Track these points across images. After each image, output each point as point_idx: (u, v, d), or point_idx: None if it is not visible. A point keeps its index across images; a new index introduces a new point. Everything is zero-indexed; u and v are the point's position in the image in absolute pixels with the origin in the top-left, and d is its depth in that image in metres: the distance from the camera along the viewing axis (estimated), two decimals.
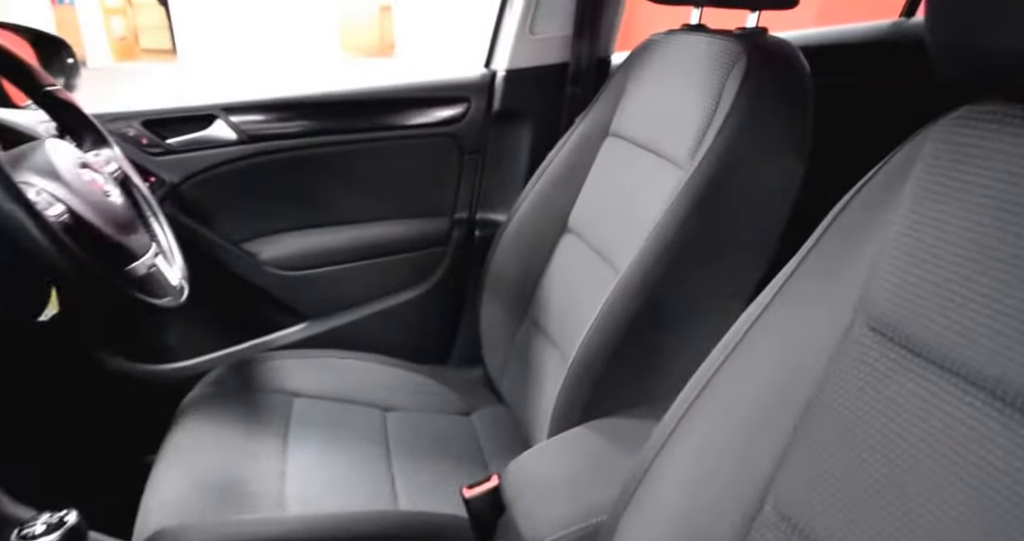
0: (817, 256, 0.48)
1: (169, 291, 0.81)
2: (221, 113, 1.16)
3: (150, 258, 0.80)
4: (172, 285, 0.82)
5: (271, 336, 1.26)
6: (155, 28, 10.30)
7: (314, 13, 9.56)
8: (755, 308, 0.51)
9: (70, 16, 8.96)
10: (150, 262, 0.79)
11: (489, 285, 1.18)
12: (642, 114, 1.01)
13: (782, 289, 0.49)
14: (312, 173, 1.26)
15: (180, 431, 0.92)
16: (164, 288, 0.80)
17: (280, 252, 1.24)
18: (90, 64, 8.94)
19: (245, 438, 0.92)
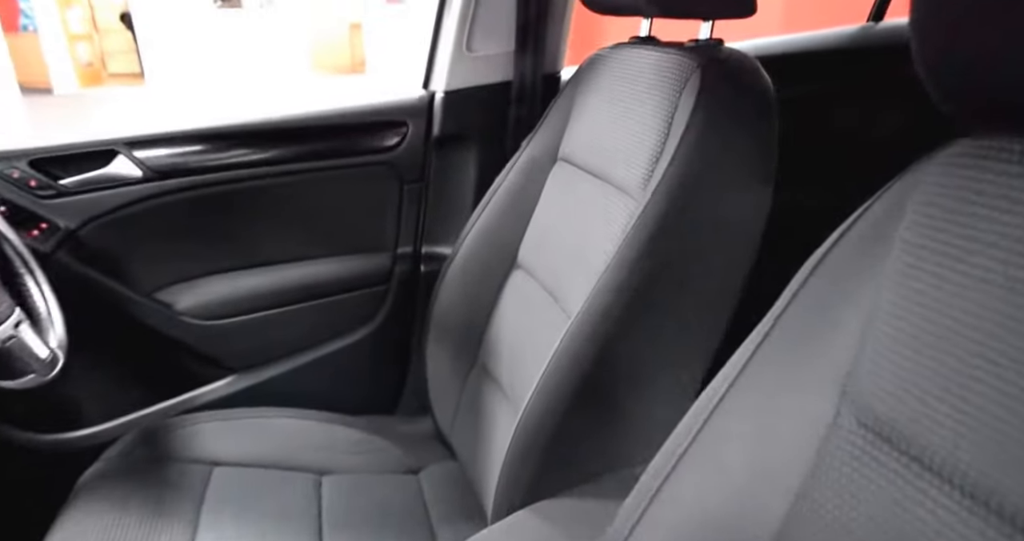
0: (792, 320, 0.41)
1: (32, 365, 0.68)
2: (123, 148, 1.04)
3: (7, 329, 0.67)
4: (39, 357, 0.69)
5: (191, 394, 1.13)
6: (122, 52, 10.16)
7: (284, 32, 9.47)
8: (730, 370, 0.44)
9: (32, 43, 8.79)
10: (6, 334, 0.67)
11: (435, 326, 1.07)
12: (591, 137, 0.91)
13: (755, 354, 0.43)
14: (232, 211, 1.14)
15: (72, 514, 0.80)
16: (25, 362, 0.68)
17: (199, 300, 1.12)
18: (56, 91, 8.78)
19: (151, 518, 0.79)
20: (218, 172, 1.11)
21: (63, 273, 0.99)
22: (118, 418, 1.07)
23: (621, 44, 0.95)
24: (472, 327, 1.02)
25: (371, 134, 1.20)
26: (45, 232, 0.99)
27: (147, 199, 1.06)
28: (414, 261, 1.27)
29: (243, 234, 1.16)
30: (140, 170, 1.05)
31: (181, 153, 1.09)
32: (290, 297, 1.18)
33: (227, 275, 1.15)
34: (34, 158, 0.99)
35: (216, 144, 1.11)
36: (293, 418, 1.04)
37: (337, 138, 1.18)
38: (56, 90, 8.72)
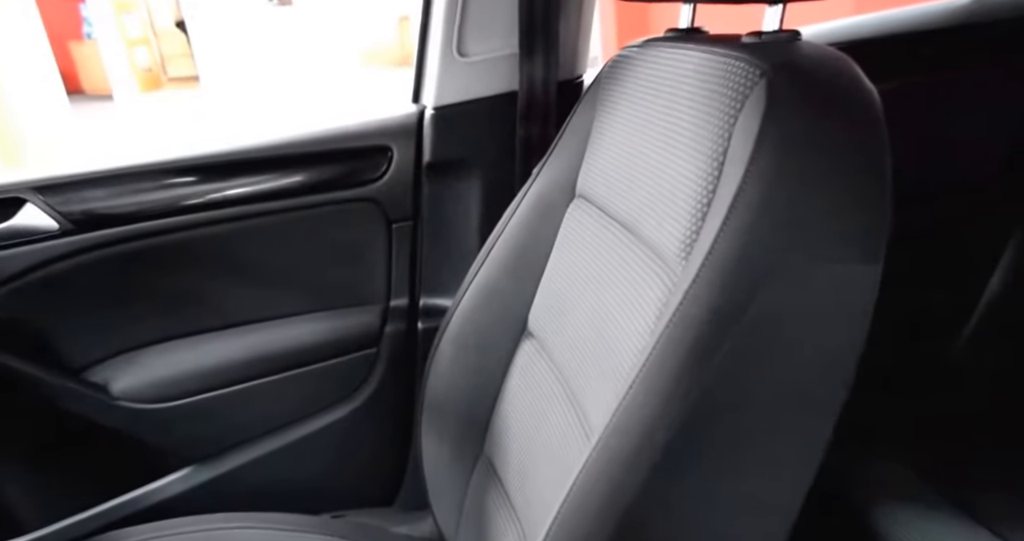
0: None
1: None
2: (31, 195, 0.85)
3: None
4: None
5: (135, 494, 0.93)
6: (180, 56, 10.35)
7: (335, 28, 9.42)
8: None
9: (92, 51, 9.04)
10: None
11: (429, 405, 0.84)
12: (613, 170, 0.66)
13: None
14: (178, 266, 0.93)
15: None
16: None
17: (140, 379, 0.92)
18: (116, 97, 9.00)
19: None
20: (159, 218, 0.90)
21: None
22: (44, 528, 0.88)
23: (654, 39, 0.69)
24: (476, 407, 0.79)
25: (348, 163, 0.97)
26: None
27: (68, 256, 0.87)
28: (410, 316, 1.04)
29: (194, 293, 0.95)
30: (57, 221, 0.86)
31: (110, 197, 0.89)
32: (256, 369, 0.97)
33: (174, 344, 0.95)
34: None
35: (152, 184, 0.90)
36: (259, 527, 0.82)
37: (307, 170, 0.96)
38: (116, 96, 8.94)
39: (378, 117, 0.99)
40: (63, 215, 0.86)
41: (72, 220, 0.86)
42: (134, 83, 9.28)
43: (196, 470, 0.96)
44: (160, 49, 10.37)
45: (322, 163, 0.96)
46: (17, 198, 0.84)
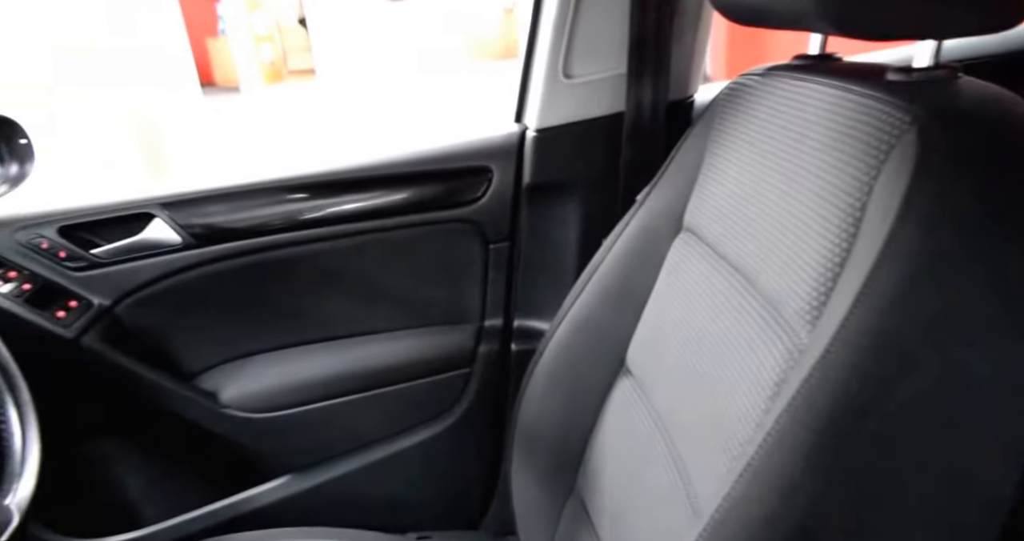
0: None
1: None
2: (159, 210, 0.90)
3: None
4: None
5: (236, 498, 0.98)
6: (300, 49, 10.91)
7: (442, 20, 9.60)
8: None
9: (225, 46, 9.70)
10: None
11: (521, 432, 0.82)
12: (728, 207, 0.61)
13: None
14: (285, 280, 0.97)
15: None
16: None
17: (246, 388, 0.97)
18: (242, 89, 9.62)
19: None
20: (268, 235, 0.94)
21: (91, 362, 0.88)
22: (155, 524, 0.95)
23: (779, 67, 0.63)
24: (569, 441, 0.77)
25: (449, 184, 0.97)
26: (74, 311, 0.88)
27: (187, 269, 0.92)
28: (504, 338, 1.03)
29: (298, 306, 0.99)
30: (179, 235, 0.91)
31: (226, 213, 0.93)
32: (354, 383, 0.99)
33: (279, 355, 0.99)
34: (63, 225, 0.88)
35: (265, 201, 0.94)
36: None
37: (408, 189, 0.97)
38: (243, 88, 9.55)
39: (479, 137, 0.98)
40: (185, 229, 0.91)
41: (192, 234, 0.91)
42: (258, 76, 9.88)
43: (292, 480, 1.00)
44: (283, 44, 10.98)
45: (423, 183, 0.97)
46: (147, 213, 0.90)
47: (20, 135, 0.95)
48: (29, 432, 0.65)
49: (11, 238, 0.84)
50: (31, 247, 0.86)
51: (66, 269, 0.87)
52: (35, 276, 0.85)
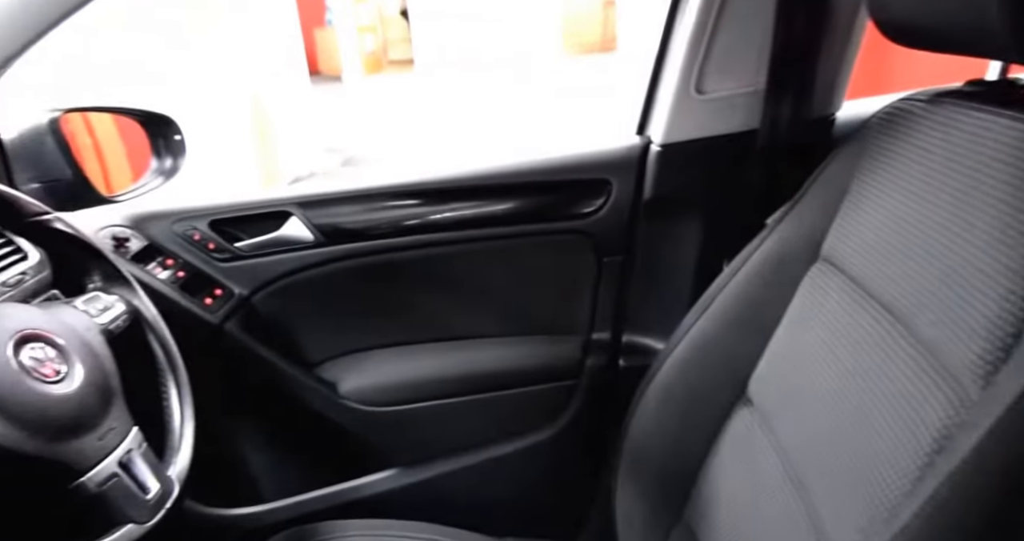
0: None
1: (130, 511, 0.58)
2: (295, 209, 0.96)
3: (109, 466, 0.57)
4: (142, 499, 0.59)
5: (346, 485, 1.03)
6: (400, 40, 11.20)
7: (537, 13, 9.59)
8: None
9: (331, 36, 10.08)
10: (108, 471, 0.57)
11: (630, 449, 0.82)
12: (879, 240, 0.58)
13: None
14: (405, 279, 1.01)
15: None
16: (122, 508, 0.58)
17: (363, 381, 1.01)
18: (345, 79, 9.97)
19: None
20: (391, 237, 0.98)
21: (231, 347, 0.95)
22: (269, 502, 1.01)
23: (949, 92, 0.59)
24: (679, 465, 0.76)
25: (566, 195, 0.98)
26: (219, 299, 0.95)
27: (317, 265, 0.97)
28: (612, 352, 1.03)
29: (414, 306, 1.02)
30: (312, 233, 0.96)
31: (354, 215, 0.97)
32: (461, 386, 1.02)
33: (394, 351, 1.03)
34: (213, 219, 0.95)
35: (390, 204, 0.98)
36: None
37: (526, 199, 0.98)
38: (345, 78, 9.91)
39: (599, 149, 0.97)
40: (317, 228, 0.96)
41: (323, 232, 0.96)
42: (360, 66, 10.22)
43: (399, 473, 1.04)
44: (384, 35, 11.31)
45: (541, 193, 0.98)
46: (285, 211, 0.96)
47: (175, 132, 1.03)
48: (186, 409, 0.71)
49: (169, 229, 0.92)
50: (186, 238, 0.93)
51: (214, 260, 0.94)
52: (188, 265, 0.92)
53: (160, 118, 1.05)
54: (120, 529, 0.55)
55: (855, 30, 0.83)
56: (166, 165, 1.03)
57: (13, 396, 0.51)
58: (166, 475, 0.62)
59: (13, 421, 0.51)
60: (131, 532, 0.56)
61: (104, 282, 0.70)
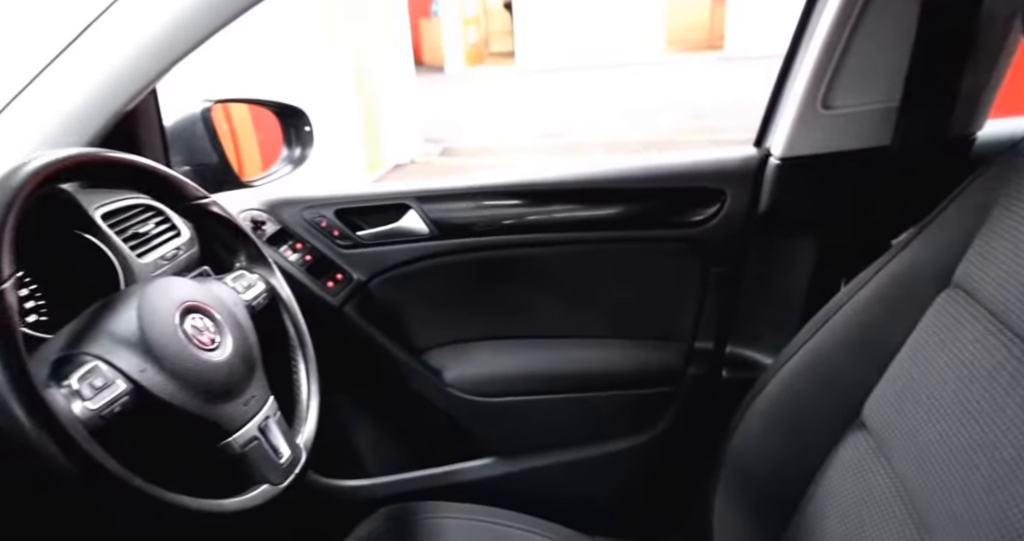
0: None
1: (266, 473, 0.64)
2: (414, 202, 1.01)
3: (251, 429, 0.64)
4: (276, 463, 0.65)
5: (445, 469, 1.08)
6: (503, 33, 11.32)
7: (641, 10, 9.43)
8: None
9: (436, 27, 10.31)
10: (250, 435, 0.63)
11: (732, 464, 0.81)
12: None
13: None
14: (511, 275, 1.04)
15: None
16: (260, 470, 0.64)
17: (467, 370, 1.06)
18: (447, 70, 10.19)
19: None
20: (502, 234, 1.01)
21: (348, 328, 1.01)
22: (372, 478, 1.08)
23: None
24: (783, 484, 0.75)
25: (677, 202, 0.98)
26: (340, 283, 1.01)
27: (430, 257, 1.02)
28: (714, 362, 1.02)
29: (519, 301, 1.06)
30: (427, 226, 1.01)
31: (468, 211, 1.02)
32: (562, 383, 1.05)
33: (498, 344, 1.07)
34: (339, 208, 1.01)
35: (503, 202, 1.01)
36: (543, 535, 0.88)
37: (636, 204, 0.99)
38: (447, 68, 10.12)
39: (714, 158, 0.97)
40: (433, 222, 1.01)
41: (438, 226, 1.01)
42: (462, 57, 10.41)
43: (495, 462, 1.08)
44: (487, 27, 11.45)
45: (653, 199, 0.98)
46: (404, 204, 1.01)
47: (306, 123, 1.11)
48: (313, 384, 0.76)
49: (300, 215, 0.99)
50: (313, 224, 1.00)
51: (337, 246, 1.01)
52: (314, 249, 0.99)
53: (294, 110, 1.13)
54: (257, 488, 0.61)
55: (1006, 47, 0.79)
56: (295, 154, 1.10)
57: (180, 361, 0.58)
58: (296, 443, 0.67)
59: (180, 382, 0.57)
60: (266, 492, 0.61)
61: (248, 262, 0.76)
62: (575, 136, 5.51)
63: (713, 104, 6.18)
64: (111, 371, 0.54)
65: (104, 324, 0.57)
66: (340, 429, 1.08)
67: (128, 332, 0.56)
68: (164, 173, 0.68)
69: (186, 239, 0.81)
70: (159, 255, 0.76)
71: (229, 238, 0.75)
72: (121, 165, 0.63)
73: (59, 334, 0.57)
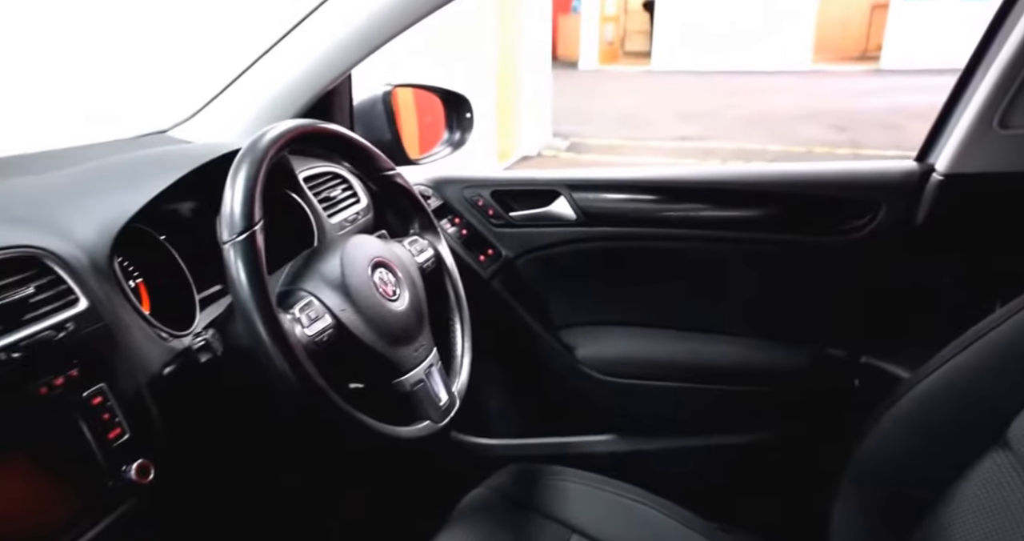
0: None
1: (429, 412, 0.74)
2: (564, 189, 1.08)
3: (419, 372, 0.73)
4: (437, 404, 0.75)
5: (571, 439, 1.15)
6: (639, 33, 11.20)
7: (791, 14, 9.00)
8: None
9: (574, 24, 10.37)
10: (418, 377, 0.72)
11: (858, 470, 0.81)
12: None
13: None
14: (650, 265, 1.09)
15: (453, 531, 0.86)
16: (424, 408, 0.74)
17: (598, 351, 1.12)
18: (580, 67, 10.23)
19: None
20: (644, 226, 1.06)
21: (493, 300, 1.10)
22: (501, 439, 1.16)
23: None
24: (909, 499, 0.75)
25: (828, 210, 0.98)
26: (491, 258, 1.10)
27: (575, 241, 1.09)
28: (847, 370, 1.02)
29: (655, 291, 1.10)
30: (575, 213, 1.08)
31: (615, 201, 1.07)
32: (690, 374, 1.08)
33: (632, 330, 1.12)
34: (495, 189, 1.10)
35: (649, 195, 1.06)
36: (661, 512, 0.93)
37: (782, 207, 1.00)
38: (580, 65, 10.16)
39: (872, 168, 0.97)
40: (580, 209, 1.07)
41: (585, 213, 1.07)
42: (596, 54, 10.41)
43: (616, 439, 1.14)
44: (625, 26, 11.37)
45: (802, 204, 0.99)
46: (554, 190, 1.08)
47: (467, 110, 1.20)
48: (466, 343, 0.85)
49: (460, 193, 1.09)
50: (471, 202, 1.09)
51: (491, 224, 1.10)
52: (470, 225, 1.09)
53: (459, 97, 1.23)
54: (421, 423, 0.70)
55: None
56: (455, 137, 1.20)
57: (370, 305, 0.68)
58: (451, 390, 0.76)
59: (369, 323, 0.67)
60: (428, 427, 0.71)
61: (420, 230, 0.86)
62: (707, 142, 5.40)
63: (859, 117, 5.84)
64: (321, 307, 0.64)
65: (316, 268, 0.67)
66: (476, 391, 1.17)
67: (333, 277, 0.67)
68: (365, 146, 0.78)
69: (364, 205, 0.93)
70: (343, 217, 0.87)
71: (407, 207, 0.85)
72: (336, 137, 0.73)
73: (280, 272, 0.68)
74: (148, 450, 0.58)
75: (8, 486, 0.50)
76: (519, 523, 0.87)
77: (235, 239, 0.56)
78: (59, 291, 0.54)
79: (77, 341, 0.54)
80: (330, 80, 0.87)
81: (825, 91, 7.39)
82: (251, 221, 0.57)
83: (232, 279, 0.56)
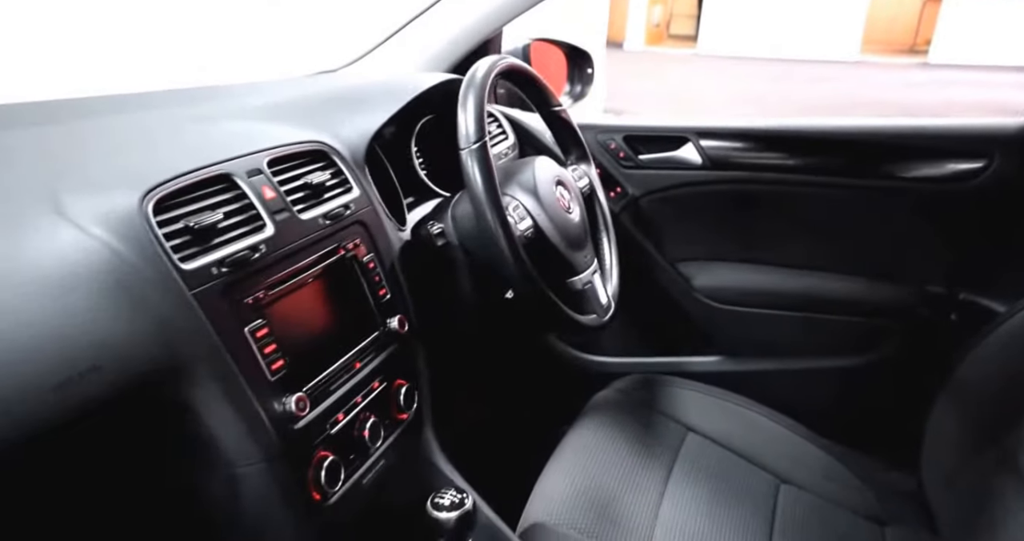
0: None
1: (596, 308, 0.90)
2: (693, 136, 1.21)
3: (588, 275, 0.87)
4: (601, 303, 0.90)
5: (682, 359, 1.30)
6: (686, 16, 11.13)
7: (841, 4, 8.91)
8: None
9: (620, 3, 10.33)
10: (587, 279, 0.86)
11: (953, 389, 0.92)
12: None
13: None
14: (766, 208, 1.22)
15: (581, 430, 0.96)
16: (592, 305, 0.90)
17: (712, 281, 1.27)
18: (626, 47, 10.22)
19: (633, 458, 0.92)
20: (763, 172, 1.20)
21: (620, 232, 1.25)
22: (625, 357, 1.32)
23: None
24: (1003, 412, 0.83)
25: (938, 158, 1.11)
26: (617, 196, 1.26)
27: (698, 184, 1.23)
28: (946, 306, 1.15)
29: (768, 232, 1.23)
30: (701, 158, 1.22)
31: (739, 148, 1.20)
32: (794, 303, 1.22)
33: (742, 265, 1.27)
34: (626, 134, 1.24)
35: (769, 144, 1.19)
36: (768, 418, 1.06)
37: (894, 155, 1.13)
38: (626, 46, 10.16)
39: (987, 124, 1.07)
40: (706, 155, 1.22)
41: (710, 159, 1.21)
42: (642, 35, 10.39)
43: (724, 360, 1.29)
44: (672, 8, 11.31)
45: (914, 154, 1.10)
46: (683, 137, 1.23)
47: (589, 65, 1.34)
48: (615, 256, 1.00)
49: (595, 138, 1.23)
50: (604, 146, 1.24)
51: (620, 166, 1.25)
52: (602, 165, 1.24)
53: (583, 53, 1.37)
54: (589, 316, 0.86)
55: None
56: (576, 90, 1.35)
57: (555, 213, 0.82)
58: (608, 293, 0.92)
59: (555, 227, 0.81)
60: (594, 320, 0.86)
61: (576, 160, 0.99)
62: None
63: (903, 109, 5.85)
64: (523, 210, 0.79)
65: (517, 178, 0.82)
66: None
67: (530, 186, 0.81)
68: (545, 85, 0.91)
69: (511, 142, 1.09)
70: (497, 151, 1.05)
71: (569, 139, 0.98)
72: (527, 74, 0.87)
73: None
74: (405, 308, 0.75)
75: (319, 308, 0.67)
76: (642, 418, 1.01)
77: (471, 146, 0.69)
78: (340, 180, 0.71)
79: (356, 219, 0.71)
80: (489, 32, 1.03)
81: (873, 81, 7.37)
82: (482, 134, 0.69)
83: (469, 178, 0.69)
